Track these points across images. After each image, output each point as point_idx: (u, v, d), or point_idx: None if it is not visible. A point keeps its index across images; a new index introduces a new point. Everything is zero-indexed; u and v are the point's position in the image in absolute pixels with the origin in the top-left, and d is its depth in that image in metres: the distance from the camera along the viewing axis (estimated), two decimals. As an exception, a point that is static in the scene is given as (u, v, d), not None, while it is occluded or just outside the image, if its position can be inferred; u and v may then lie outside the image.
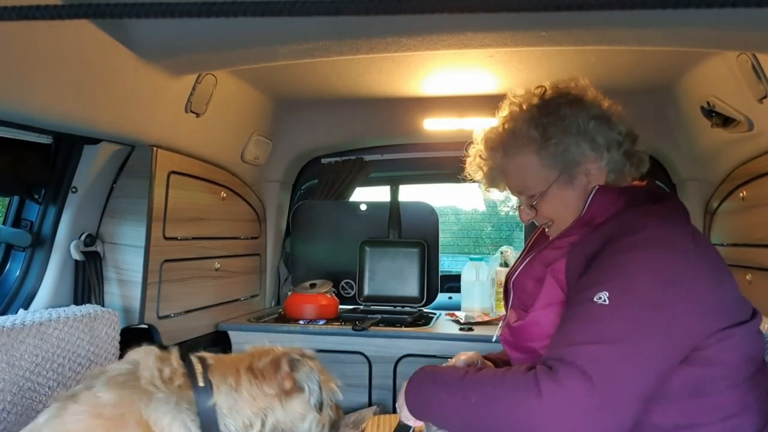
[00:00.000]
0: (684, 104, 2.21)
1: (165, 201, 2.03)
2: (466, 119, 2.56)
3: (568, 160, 1.24)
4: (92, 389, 1.06)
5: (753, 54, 1.61)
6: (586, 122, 1.23)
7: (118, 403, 1.03)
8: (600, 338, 0.98)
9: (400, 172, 3.14)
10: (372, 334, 2.33)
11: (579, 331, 1.01)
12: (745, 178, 2.04)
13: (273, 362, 1.17)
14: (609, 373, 0.95)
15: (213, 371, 1.14)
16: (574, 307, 1.06)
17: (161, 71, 1.75)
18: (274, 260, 2.97)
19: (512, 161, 1.31)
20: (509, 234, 8.94)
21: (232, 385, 1.13)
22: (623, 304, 1.00)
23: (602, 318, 1.00)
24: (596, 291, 1.02)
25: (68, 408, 1.03)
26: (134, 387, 1.05)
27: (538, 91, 1.31)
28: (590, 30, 1.47)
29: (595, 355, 0.96)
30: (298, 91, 2.49)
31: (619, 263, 1.05)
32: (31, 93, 1.41)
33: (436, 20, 1.45)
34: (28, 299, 1.82)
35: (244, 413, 1.12)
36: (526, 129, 1.26)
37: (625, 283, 1.02)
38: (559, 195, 1.27)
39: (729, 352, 1.05)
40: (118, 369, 1.11)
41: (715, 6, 0.41)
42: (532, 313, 1.20)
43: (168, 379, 1.09)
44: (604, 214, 1.19)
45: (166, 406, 1.05)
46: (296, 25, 1.50)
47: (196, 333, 2.29)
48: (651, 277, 1.02)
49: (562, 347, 1.00)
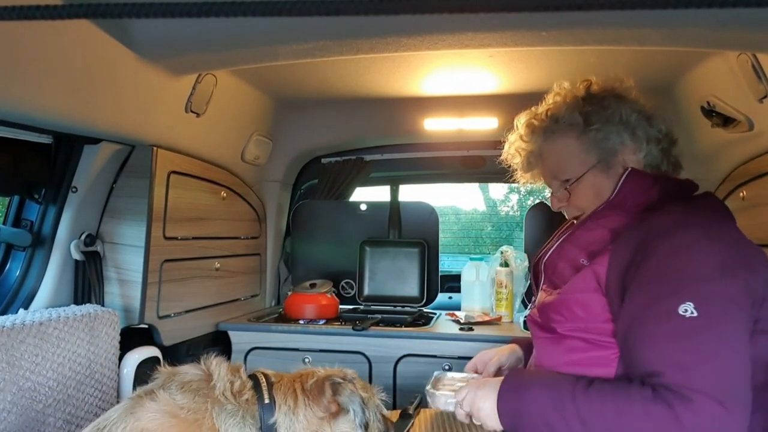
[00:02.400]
0: (684, 104, 2.21)
1: (165, 201, 2.03)
2: (466, 119, 2.56)
3: (607, 148, 1.27)
4: (168, 391, 1.10)
5: (753, 54, 1.61)
6: (628, 114, 1.26)
7: (194, 408, 1.08)
8: (711, 355, 0.99)
9: (400, 172, 3.14)
10: (372, 334, 2.33)
11: (686, 351, 1.00)
12: (745, 178, 2.04)
13: (318, 385, 1.21)
14: (735, 388, 0.98)
15: (276, 390, 1.19)
16: (663, 321, 1.03)
17: (161, 71, 1.75)
18: (274, 260, 2.97)
19: (552, 145, 1.33)
20: (509, 234, 8.94)
21: (291, 406, 1.17)
22: (714, 314, 1.01)
23: (700, 332, 1.00)
24: (679, 302, 1.01)
25: (145, 405, 1.08)
26: (208, 395, 1.11)
27: (583, 84, 1.34)
28: (590, 30, 1.47)
29: (718, 375, 0.98)
30: (298, 91, 2.49)
31: (683, 266, 1.05)
32: (31, 93, 1.41)
33: (436, 20, 1.45)
34: (28, 299, 1.82)
35: None
36: (569, 114, 1.30)
37: (705, 289, 1.02)
38: (594, 182, 1.28)
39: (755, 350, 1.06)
40: (191, 374, 1.15)
41: (715, 6, 0.41)
42: (562, 295, 1.21)
43: (238, 392, 1.14)
44: (637, 198, 1.21)
45: (234, 419, 1.10)
46: (296, 25, 1.50)
47: (196, 333, 2.29)
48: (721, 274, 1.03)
49: (679, 371, 0.99)
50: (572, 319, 1.18)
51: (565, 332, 1.19)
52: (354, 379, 1.25)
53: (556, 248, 1.31)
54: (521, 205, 9.47)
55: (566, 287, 1.20)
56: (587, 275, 1.17)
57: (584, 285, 1.17)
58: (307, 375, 1.24)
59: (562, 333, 1.20)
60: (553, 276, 1.29)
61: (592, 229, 1.23)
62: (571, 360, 1.18)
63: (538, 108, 1.38)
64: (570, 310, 1.18)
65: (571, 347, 1.18)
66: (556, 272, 1.28)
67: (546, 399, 1.10)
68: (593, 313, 1.15)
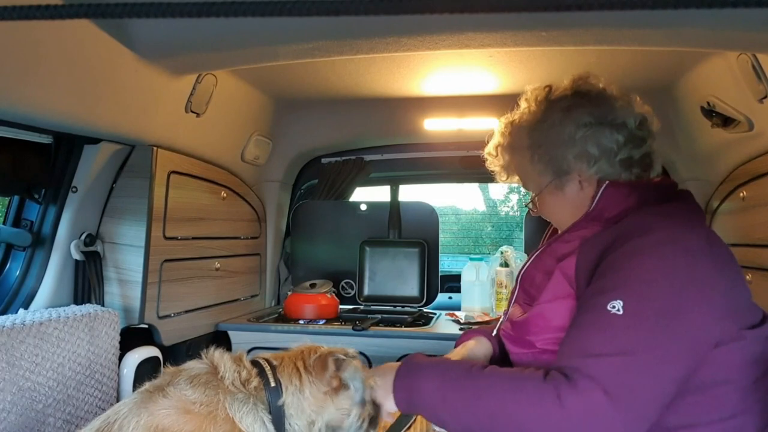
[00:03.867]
0: (684, 104, 2.21)
1: (165, 201, 2.03)
2: (466, 119, 2.56)
3: (556, 168, 1.26)
4: (178, 387, 1.11)
5: (753, 54, 1.61)
6: (574, 131, 1.22)
7: (206, 401, 1.09)
8: (618, 350, 0.97)
9: (400, 172, 3.14)
10: (372, 334, 2.33)
11: (596, 342, 1.00)
12: (745, 178, 2.04)
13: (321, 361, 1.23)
14: (630, 387, 0.95)
15: (280, 372, 1.21)
16: (589, 312, 1.04)
17: (161, 71, 1.75)
18: (274, 260, 2.97)
19: (513, 161, 1.37)
20: (509, 234, 8.94)
21: (297, 385, 1.19)
22: (640, 315, 0.98)
23: (619, 328, 0.98)
24: (611, 298, 1.00)
25: (157, 402, 1.08)
26: (218, 387, 1.12)
27: (544, 92, 1.31)
28: (590, 30, 1.47)
29: (615, 368, 0.96)
30: (298, 91, 2.49)
31: (632, 266, 1.03)
32: (31, 93, 1.41)
33: (436, 20, 1.45)
34: (28, 299, 1.82)
35: (307, 412, 1.19)
36: (523, 134, 1.31)
37: (641, 291, 1.00)
38: (552, 198, 1.30)
39: (736, 353, 1.04)
40: (197, 368, 1.17)
41: (715, 6, 0.41)
42: (538, 306, 1.19)
43: (246, 381, 1.16)
44: (615, 209, 1.18)
45: (246, 406, 1.12)
46: (296, 25, 1.50)
47: (196, 333, 2.29)
48: (666, 282, 1.00)
49: (580, 357, 0.99)
50: (548, 329, 1.16)
51: (543, 346, 1.18)
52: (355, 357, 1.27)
53: (534, 260, 1.31)
54: (521, 205, 9.46)
55: (541, 297, 1.19)
56: (558, 279, 1.16)
57: (558, 291, 1.16)
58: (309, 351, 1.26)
59: (540, 347, 1.18)
60: (530, 288, 1.27)
61: (569, 240, 1.22)
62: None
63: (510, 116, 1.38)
64: (546, 319, 1.17)
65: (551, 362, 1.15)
66: (534, 284, 1.26)
67: (442, 375, 1.11)
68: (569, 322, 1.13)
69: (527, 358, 1.22)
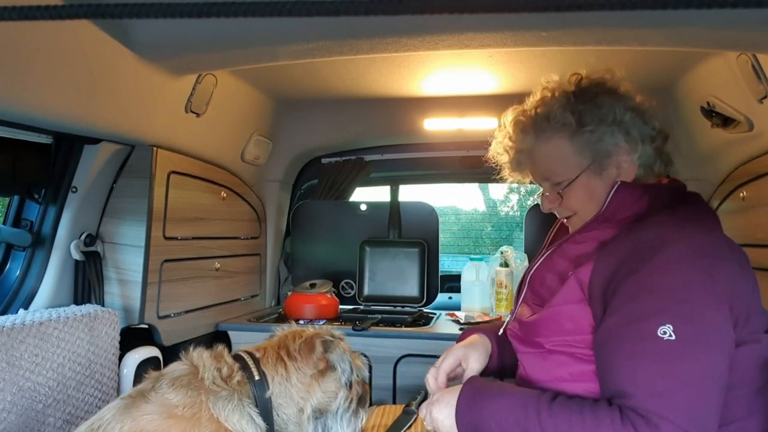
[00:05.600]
0: (684, 104, 2.21)
1: (165, 201, 2.03)
2: (466, 119, 2.56)
3: (600, 150, 1.20)
4: (160, 391, 1.10)
5: (753, 54, 1.61)
6: (622, 113, 1.20)
7: (189, 403, 1.08)
8: (683, 382, 0.96)
9: (400, 172, 3.14)
10: (372, 334, 2.33)
11: (659, 376, 0.98)
12: (745, 178, 2.04)
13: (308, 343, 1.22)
14: (701, 417, 0.95)
15: (264, 363, 1.20)
16: (640, 342, 1.00)
17: (161, 71, 1.75)
18: (274, 260, 2.97)
19: (544, 145, 1.26)
20: (509, 234, 8.95)
21: (283, 374, 1.19)
22: (691, 338, 0.98)
23: (676, 357, 0.97)
24: (659, 323, 0.98)
25: (140, 407, 1.07)
26: (200, 387, 1.10)
27: (573, 79, 1.27)
28: (590, 30, 1.47)
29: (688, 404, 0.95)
30: (298, 91, 2.49)
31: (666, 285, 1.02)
32: (31, 93, 1.41)
33: (436, 20, 1.45)
34: (28, 299, 1.82)
35: (295, 399, 1.18)
36: (561, 114, 1.22)
37: (684, 311, 0.99)
38: (587, 184, 1.22)
39: (749, 356, 1.05)
40: (179, 370, 1.15)
41: (715, 6, 0.41)
42: (550, 308, 1.17)
43: (228, 377, 1.14)
44: (627, 210, 1.17)
45: (231, 404, 1.10)
46: (296, 25, 1.50)
47: (196, 333, 2.29)
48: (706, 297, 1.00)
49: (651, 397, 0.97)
50: (559, 332, 1.15)
51: (551, 347, 1.16)
52: (342, 338, 1.27)
53: (544, 260, 1.28)
54: (521, 205, 9.47)
55: (554, 300, 1.17)
56: (572, 285, 1.14)
57: (570, 296, 1.14)
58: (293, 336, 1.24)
59: (549, 348, 1.17)
60: (540, 288, 1.25)
61: (581, 242, 1.20)
62: (559, 375, 1.15)
63: (526, 104, 1.30)
64: (557, 323, 1.16)
65: (558, 362, 1.16)
66: (544, 284, 1.24)
67: (508, 413, 1.06)
68: (580, 325, 1.12)
69: (535, 358, 1.21)
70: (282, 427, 1.20)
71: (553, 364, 1.17)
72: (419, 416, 1.30)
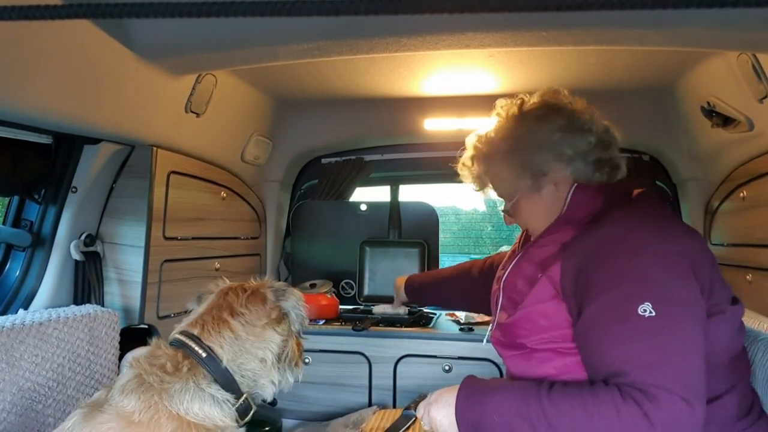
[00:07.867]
0: (684, 104, 2.21)
1: (165, 201, 2.03)
2: (466, 119, 2.56)
3: (536, 171, 1.31)
4: (113, 400, 1.07)
5: (753, 54, 1.61)
6: (551, 134, 1.30)
7: (144, 406, 1.05)
8: (671, 353, 1.02)
9: (400, 172, 3.14)
10: (372, 334, 2.33)
11: (647, 351, 1.03)
12: (745, 178, 2.04)
13: (258, 294, 1.21)
14: (695, 386, 1.01)
15: (205, 337, 1.16)
16: (624, 322, 1.05)
17: (161, 71, 1.75)
18: (274, 260, 2.97)
19: (489, 170, 1.41)
20: (509, 234, 8.94)
21: (231, 337, 1.16)
22: (671, 313, 1.04)
23: (659, 331, 1.03)
24: (637, 303, 1.05)
25: (96, 419, 1.04)
26: (150, 388, 1.07)
27: (517, 103, 1.39)
28: (590, 30, 1.47)
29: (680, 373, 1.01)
30: (298, 91, 2.49)
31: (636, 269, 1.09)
32: (31, 93, 1.41)
33: (436, 20, 1.45)
34: (28, 299, 1.82)
35: (252, 353, 1.17)
36: (499, 141, 1.37)
37: (658, 290, 1.06)
38: (529, 203, 1.35)
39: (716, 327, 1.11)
40: (126, 377, 1.12)
41: (715, 6, 0.41)
42: (523, 309, 1.23)
43: (175, 369, 1.10)
44: (584, 210, 1.26)
45: (188, 393, 1.07)
46: (296, 25, 1.50)
47: (196, 333, 2.29)
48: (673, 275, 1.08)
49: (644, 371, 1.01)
50: (537, 330, 1.20)
51: (533, 345, 1.21)
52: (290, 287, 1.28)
53: (513, 267, 1.35)
54: (521, 205, 9.44)
55: (526, 301, 1.23)
56: (544, 284, 1.21)
57: (543, 295, 1.20)
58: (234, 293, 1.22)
59: (531, 347, 1.22)
60: (513, 294, 1.31)
61: (545, 245, 1.27)
62: (544, 372, 1.19)
63: (483, 129, 1.44)
64: (533, 321, 1.21)
65: (541, 359, 1.20)
66: (516, 290, 1.30)
67: (509, 406, 1.09)
68: (556, 322, 1.18)
69: (519, 359, 1.26)
70: (251, 385, 1.18)
71: (537, 362, 1.21)
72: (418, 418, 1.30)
